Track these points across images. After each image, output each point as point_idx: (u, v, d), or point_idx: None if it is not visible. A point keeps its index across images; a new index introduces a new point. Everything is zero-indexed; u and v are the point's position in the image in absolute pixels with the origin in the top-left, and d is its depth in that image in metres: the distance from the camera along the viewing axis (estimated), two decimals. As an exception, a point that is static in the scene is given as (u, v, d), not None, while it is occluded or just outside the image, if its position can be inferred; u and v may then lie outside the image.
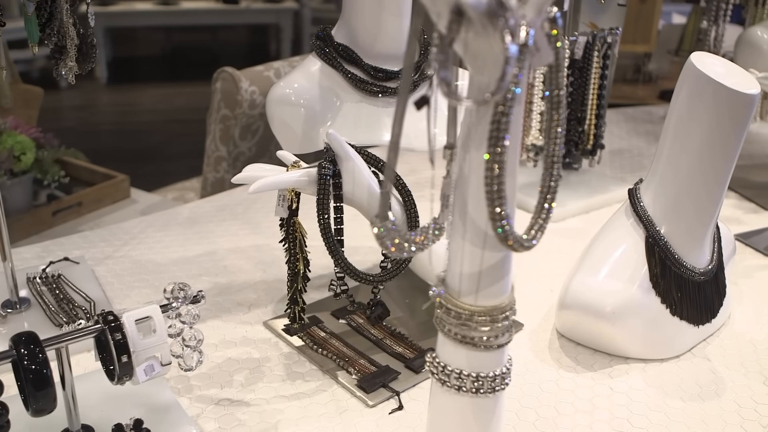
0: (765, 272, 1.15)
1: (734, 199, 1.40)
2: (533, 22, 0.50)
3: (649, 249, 0.91)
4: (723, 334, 0.99)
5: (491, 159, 0.51)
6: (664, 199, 0.92)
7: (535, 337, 0.97)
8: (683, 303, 0.93)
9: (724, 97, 0.86)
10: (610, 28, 1.32)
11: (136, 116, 4.01)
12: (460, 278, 0.61)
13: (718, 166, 0.90)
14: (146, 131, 3.78)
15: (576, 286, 0.91)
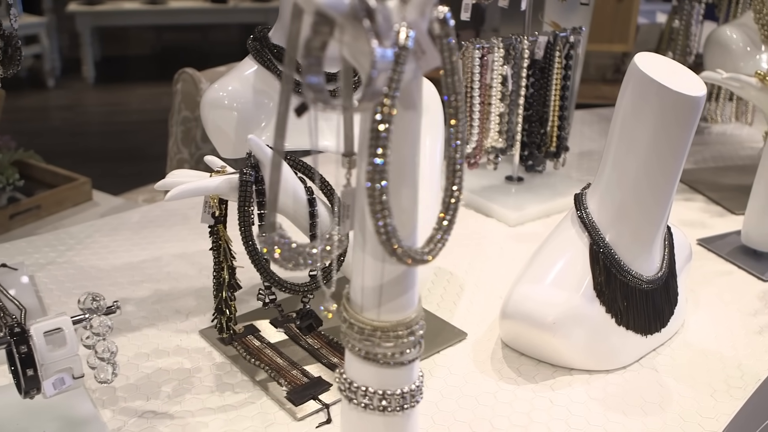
0: (725, 279, 1.12)
1: (701, 202, 1.37)
2: (415, 24, 0.47)
3: (593, 256, 0.88)
4: (674, 344, 0.96)
5: (371, 169, 0.48)
6: (609, 204, 0.89)
7: (479, 347, 0.94)
8: (630, 312, 0.89)
9: (669, 100, 0.83)
10: (574, 28, 1.29)
11: (124, 116, 3.99)
12: (362, 292, 0.58)
13: (664, 171, 0.86)
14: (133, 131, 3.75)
15: (517, 295, 0.88)
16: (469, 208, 1.29)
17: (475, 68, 1.19)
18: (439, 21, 0.50)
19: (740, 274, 1.13)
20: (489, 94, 1.22)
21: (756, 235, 1.16)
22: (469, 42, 1.19)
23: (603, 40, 1.92)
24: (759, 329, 1.00)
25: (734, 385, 0.88)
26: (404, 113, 0.53)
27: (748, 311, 1.04)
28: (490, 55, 1.20)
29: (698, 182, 1.43)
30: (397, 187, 0.55)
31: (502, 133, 1.27)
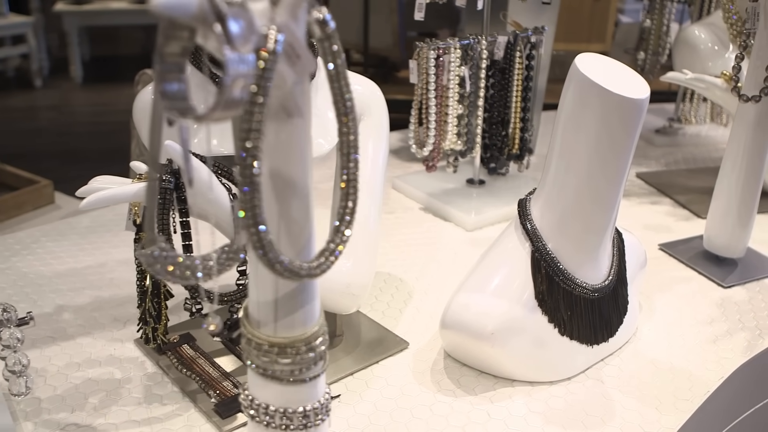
0: (684, 285, 1.09)
1: (668, 206, 1.34)
2: (286, 27, 0.45)
3: (535, 264, 0.85)
4: (624, 354, 0.93)
5: (242, 180, 0.45)
6: (552, 210, 0.86)
7: (421, 357, 0.91)
8: (574, 322, 0.87)
9: (611, 103, 0.80)
10: (536, 28, 1.26)
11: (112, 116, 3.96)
12: (258, 307, 0.56)
13: (608, 176, 0.83)
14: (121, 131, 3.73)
15: (456, 305, 0.85)
16: (427, 211, 1.27)
17: (430, 69, 1.16)
18: (319, 23, 0.47)
19: (700, 281, 1.11)
20: (446, 96, 1.19)
21: (718, 240, 1.13)
22: (424, 43, 1.16)
23: (580, 39, 1.89)
24: (713, 338, 0.97)
25: (682, 397, 0.85)
26: (289, 121, 0.50)
27: (704, 319, 1.01)
28: (446, 56, 1.17)
29: (667, 185, 1.40)
30: (286, 199, 0.52)
31: (461, 136, 1.24)
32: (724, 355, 0.94)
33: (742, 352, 0.94)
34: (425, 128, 1.20)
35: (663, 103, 1.80)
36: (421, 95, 1.19)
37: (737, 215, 1.09)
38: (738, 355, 0.94)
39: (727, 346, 0.95)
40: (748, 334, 0.98)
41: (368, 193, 0.92)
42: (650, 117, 1.71)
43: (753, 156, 1.07)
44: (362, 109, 0.95)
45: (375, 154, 0.95)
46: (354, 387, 0.85)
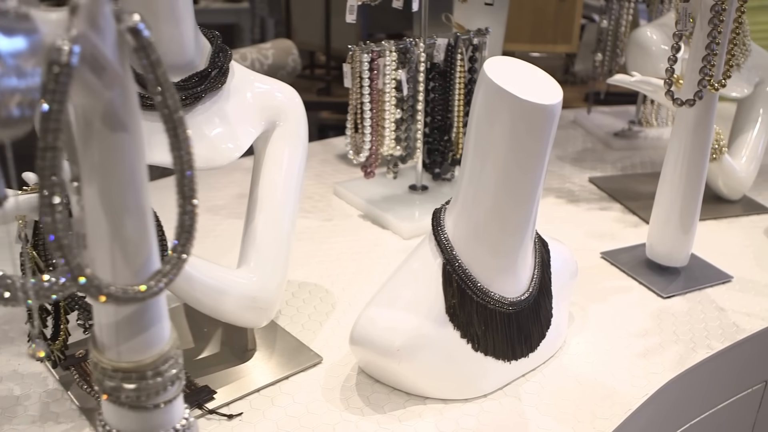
0: (622, 296, 1.05)
1: (617, 212, 1.30)
2: (83, 37, 0.41)
3: (446, 277, 0.82)
4: (548, 369, 0.90)
5: (41, 203, 0.42)
6: (466, 221, 0.82)
7: (333, 372, 0.87)
8: (489, 337, 0.83)
9: (520, 110, 0.76)
10: (479, 29, 1.23)
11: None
12: (101, 330, 0.53)
13: (521, 185, 0.80)
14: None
15: (364, 320, 0.82)
16: (366, 219, 1.23)
17: (364, 73, 1.13)
18: (131, 32, 0.44)
19: (640, 291, 1.07)
20: (382, 100, 1.16)
21: (660, 248, 1.09)
22: (357, 46, 1.13)
23: (546, 41, 1.85)
24: (644, 352, 0.93)
25: (601, 415, 0.82)
26: (112, 136, 0.47)
27: (637, 332, 0.97)
28: (381, 59, 1.14)
29: (619, 190, 1.36)
30: (118, 218, 0.49)
31: (400, 141, 1.21)
32: (652, 370, 0.90)
33: (672, 367, 0.91)
34: (361, 134, 1.17)
35: (627, 105, 1.76)
36: (356, 100, 1.15)
37: (679, 222, 1.06)
38: (667, 370, 0.90)
39: (657, 360, 0.92)
40: (681, 348, 0.94)
41: (280, 204, 0.89)
42: (611, 119, 1.67)
43: (693, 161, 1.03)
44: (278, 116, 0.92)
45: (290, 163, 0.92)
46: (258, 404, 0.82)
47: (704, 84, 0.96)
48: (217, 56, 0.89)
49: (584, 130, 1.66)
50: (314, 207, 1.26)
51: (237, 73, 0.92)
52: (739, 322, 1.00)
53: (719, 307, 1.04)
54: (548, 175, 1.43)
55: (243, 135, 0.89)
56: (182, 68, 0.86)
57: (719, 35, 0.95)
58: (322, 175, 1.37)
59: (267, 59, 1.68)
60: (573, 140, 1.60)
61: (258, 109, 0.91)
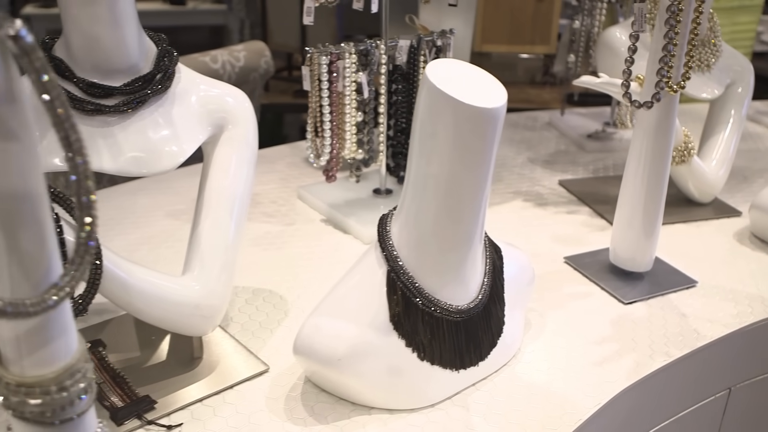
0: (583, 302, 1.03)
1: (585, 215, 1.28)
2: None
3: (390, 285, 0.80)
4: (500, 378, 0.88)
5: None
6: (411, 227, 0.80)
7: (279, 381, 0.86)
8: (435, 346, 0.81)
9: (462, 114, 0.74)
10: (443, 31, 1.21)
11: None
12: (4, 344, 0.51)
13: (466, 189, 0.78)
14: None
15: (306, 329, 0.80)
16: (328, 224, 1.21)
17: (323, 75, 1.11)
18: (12, 39, 0.42)
19: (601, 297, 1.05)
20: (342, 103, 1.14)
21: (623, 253, 1.07)
22: (314, 48, 1.11)
23: (524, 41, 1.83)
24: (600, 360, 0.91)
25: (550, 426, 0.80)
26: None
27: (594, 339, 0.95)
28: (341, 61, 1.12)
29: (588, 194, 1.34)
30: (13, 230, 0.47)
31: (363, 144, 1.19)
32: (607, 378, 0.88)
33: (628, 375, 0.89)
34: (321, 137, 1.15)
35: (604, 107, 1.74)
36: (315, 103, 1.13)
37: (641, 226, 1.04)
38: (622, 378, 0.88)
39: (613, 368, 0.90)
40: (638, 356, 0.92)
41: (227, 210, 0.87)
42: (585, 121, 1.65)
43: (654, 164, 1.01)
44: (226, 120, 0.90)
45: (237, 168, 0.90)
46: (200, 415, 0.80)
47: (662, 86, 0.94)
48: (162, 59, 0.87)
49: (559, 132, 1.64)
50: (277, 211, 1.24)
51: (184, 76, 0.91)
52: (700, 329, 0.98)
53: (681, 313, 1.02)
54: (518, 178, 1.41)
55: (188, 139, 0.88)
56: (125, 72, 0.84)
57: (676, 36, 0.93)
58: (288, 178, 1.36)
59: (238, 61, 1.67)
60: (546, 142, 1.58)
61: (205, 113, 0.89)
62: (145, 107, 0.85)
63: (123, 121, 0.84)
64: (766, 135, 1.70)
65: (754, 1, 1.90)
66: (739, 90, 1.35)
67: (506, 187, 1.36)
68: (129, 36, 0.83)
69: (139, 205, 1.25)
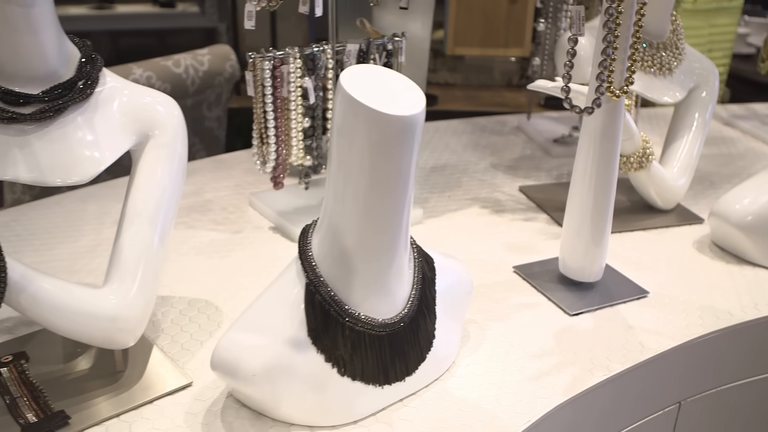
0: (527, 313, 1.00)
1: (542, 222, 1.25)
2: None
3: (309, 298, 0.78)
4: (430, 393, 0.85)
5: None
6: (330, 238, 0.78)
7: (202, 396, 0.83)
8: (357, 361, 0.79)
9: (377, 122, 0.71)
10: (394, 34, 1.19)
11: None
12: None
13: (385, 199, 0.75)
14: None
15: (222, 343, 0.77)
16: (276, 231, 1.19)
17: (266, 81, 1.09)
18: None
19: (547, 308, 1.02)
20: (287, 109, 1.12)
21: (571, 262, 1.05)
22: (257, 53, 1.09)
23: (497, 44, 1.80)
24: (537, 375, 0.88)
25: (475, 444, 0.78)
26: None
27: (534, 352, 0.92)
28: (285, 66, 1.10)
29: (548, 200, 1.31)
30: None
31: (311, 150, 1.17)
32: (541, 394, 0.85)
33: (564, 390, 0.86)
34: (266, 144, 1.13)
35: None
36: (260, 109, 1.11)
37: (590, 235, 1.01)
38: (557, 394, 0.86)
39: (549, 383, 0.87)
40: (577, 370, 0.90)
41: (150, 220, 0.85)
42: (555, 125, 1.62)
43: (601, 171, 0.98)
44: (152, 128, 0.88)
45: (163, 177, 0.87)
46: (115, 430, 0.78)
47: (602, 91, 0.91)
48: (84, 65, 0.85)
49: (526, 136, 1.61)
50: (226, 219, 1.22)
51: (109, 83, 0.88)
52: (645, 342, 0.95)
53: (628, 325, 0.99)
54: (478, 184, 1.38)
55: (110, 147, 0.85)
56: (44, 79, 0.82)
57: (616, 39, 0.90)
58: (243, 185, 1.33)
59: (202, 65, 1.65)
60: (512, 147, 1.55)
61: (129, 120, 0.87)
62: (65, 115, 0.83)
63: (41, 129, 0.82)
64: (739, 139, 1.66)
65: (733, 3, 1.86)
66: (703, 94, 1.31)
67: (464, 193, 1.34)
68: (47, 42, 0.81)
69: (88, 212, 1.23)
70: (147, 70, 1.55)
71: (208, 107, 1.67)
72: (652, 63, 1.27)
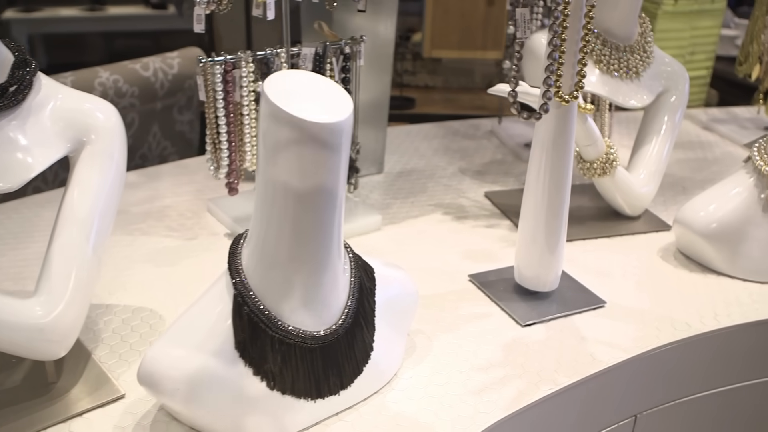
0: (478, 324, 0.98)
1: (505, 229, 1.23)
2: None
3: (236, 310, 0.76)
4: (366, 407, 0.83)
5: None
6: (259, 250, 0.76)
7: (132, 409, 0.81)
8: (287, 374, 0.76)
9: (302, 130, 0.69)
10: (352, 37, 1.16)
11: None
12: None
13: (312, 207, 0.73)
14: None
15: (148, 357, 0.75)
16: (231, 238, 1.17)
17: (217, 85, 1.07)
18: None
19: (499, 318, 0.99)
20: (240, 114, 1.10)
21: (526, 271, 1.02)
22: (207, 57, 1.07)
23: (475, 47, 1.78)
24: (480, 388, 0.86)
25: (407, 461, 0.75)
26: None
27: (481, 365, 0.90)
28: (237, 70, 1.08)
29: (513, 206, 1.28)
30: None
31: (267, 156, 1.14)
32: (483, 408, 0.83)
33: (506, 405, 0.84)
34: (219, 149, 1.11)
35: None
36: (212, 114, 1.09)
37: (545, 242, 0.99)
38: (499, 409, 0.83)
39: (493, 397, 0.85)
40: (523, 383, 0.87)
41: (82, 229, 0.83)
42: (528, 129, 1.60)
43: (554, 178, 0.96)
44: (87, 135, 0.86)
45: (99, 185, 0.86)
46: (39, 446, 0.76)
47: (549, 96, 0.89)
48: (17, 70, 0.84)
49: (499, 140, 1.58)
50: (182, 225, 1.20)
51: (44, 88, 0.87)
52: (597, 354, 0.93)
53: (581, 337, 0.96)
54: (443, 189, 1.35)
55: (42, 154, 0.84)
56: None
57: (563, 43, 0.87)
58: (204, 190, 1.31)
59: (172, 68, 1.63)
60: (483, 151, 1.53)
61: (64, 127, 0.85)
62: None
63: (-30, 135, 0.80)
64: (717, 143, 1.63)
65: (715, 6, 1.83)
66: (672, 99, 1.28)
67: (428, 199, 1.31)
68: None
69: (43, 218, 1.21)
70: (114, 74, 1.54)
71: (179, 111, 1.66)
72: (619, 66, 1.24)
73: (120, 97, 1.55)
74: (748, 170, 1.13)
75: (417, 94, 2.25)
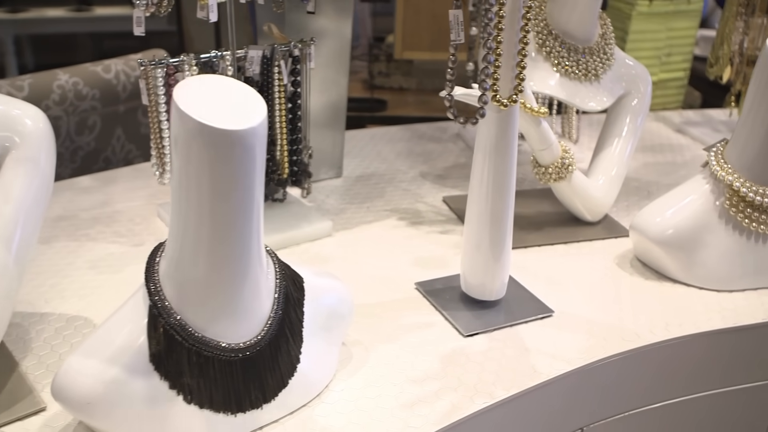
0: (419, 334, 0.95)
1: (459, 235, 1.20)
2: None
3: (152, 322, 0.73)
4: (292, 421, 0.80)
5: None
6: (176, 260, 0.74)
7: (52, 422, 0.79)
8: (204, 388, 0.74)
9: (211, 138, 0.67)
10: (302, 39, 1.14)
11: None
12: None
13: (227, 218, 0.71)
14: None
15: (61, 371, 0.73)
16: (177, 244, 1.15)
17: (159, 89, 1.05)
18: None
19: (441, 328, 0.97)
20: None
21: (471, 279, 0.99)
22: (148, 60, 1.05)
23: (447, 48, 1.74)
24: (413, 402, 0.83)
25: (327, 478, 0.73)
26: None
27: (416, 377, 0.87)
28: (179, 74, 1.06)
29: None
30: None
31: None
32: (413, 423, 0.80)
33: (438, 420, 0.81)
34: (163, 153, 1.09)
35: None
36: (155, 118, 1.07)
37: (489, 250, 0.96)
38: (429, 423, 0.81)
39: (424, 411, 0.82)
40: (458, 396, 0.85)
41: (3, 239, 0.81)
42: (495, 133, 1.57)
43: (498, 183, 0.94)
44: (11, 140, 0.84)
45: (22, 192, 0.84)
46: (-50, 461, 0.74)
47: (485, 100, 0.86)
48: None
49: (465, 143, 1.56)
50: (130, 231, 1.18)
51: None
52: (538, 365, 0.90)
53: (524, 347, 0.94)
54: (401, 194, 1.33)
55: None
56: None
57: (498, 45, 0.85)
58: (158, 194, 1.29)
59: (134, 71, 1.61)
60: (447, 155, 1.50)
61: (-14, 132, 0.84)
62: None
63: None
64: (689, 147, 1.60)
65: (691, 7, 1.80)
66: (633, 102, 1.26)
67: (385, 204, 1.29)
68: None
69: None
70: (74, 76, 1.52)
71: (143, 113, 1.64)
72: (578, 68, 1.21)
73: (80, 99, 1.52)
74: (705, 175, 1.10)
75: (390, 96, 2.23)
